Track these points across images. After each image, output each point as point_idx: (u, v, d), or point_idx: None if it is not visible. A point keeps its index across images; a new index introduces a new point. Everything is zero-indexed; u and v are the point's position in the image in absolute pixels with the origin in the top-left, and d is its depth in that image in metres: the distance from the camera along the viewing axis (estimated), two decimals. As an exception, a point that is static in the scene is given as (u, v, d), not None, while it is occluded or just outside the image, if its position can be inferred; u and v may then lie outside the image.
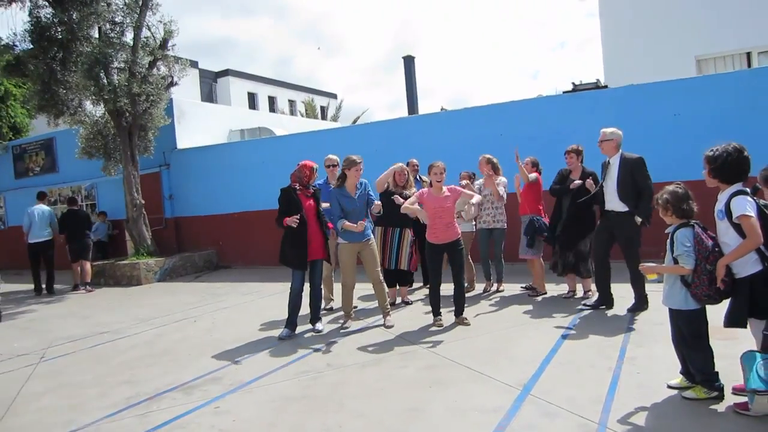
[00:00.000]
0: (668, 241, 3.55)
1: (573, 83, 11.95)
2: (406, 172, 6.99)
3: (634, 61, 13.63)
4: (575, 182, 6.32)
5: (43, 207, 11.44)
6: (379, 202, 6.28)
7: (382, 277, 6.29)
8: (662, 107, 8.58)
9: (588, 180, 6.22)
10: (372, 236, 6.30)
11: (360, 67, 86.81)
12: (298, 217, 5.82)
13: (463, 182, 7.03)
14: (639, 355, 4.51)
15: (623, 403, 3.61)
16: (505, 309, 6.54)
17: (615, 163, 5.84)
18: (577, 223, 6.34)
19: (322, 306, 7.14)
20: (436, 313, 6.05)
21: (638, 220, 5.65)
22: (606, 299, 6.06)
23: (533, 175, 6.93)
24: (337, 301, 7.10)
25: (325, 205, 6.25)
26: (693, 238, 3.41)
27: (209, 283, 11.03)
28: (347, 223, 5.98)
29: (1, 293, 9.06)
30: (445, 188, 5.97)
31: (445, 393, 4.11)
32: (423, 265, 7.73)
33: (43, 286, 11.31)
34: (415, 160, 7.91)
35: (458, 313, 6.01)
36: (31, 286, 11.58)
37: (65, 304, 10.00)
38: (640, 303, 5.84)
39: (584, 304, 6.22)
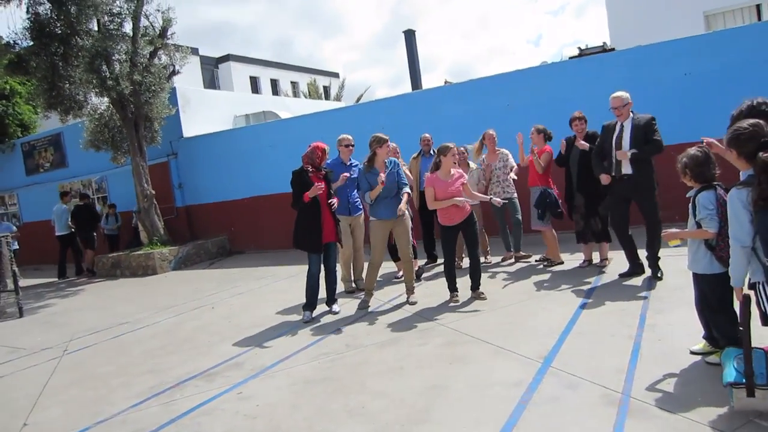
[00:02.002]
0: (690, 205, 3.47)
1: (579, 48, 11.71)
2: (397, 150, 7.27)
3: (641, 20, 13.32)
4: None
5: (61, 206, 13.08)
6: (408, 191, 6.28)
7: (413, 255, 6.35)
8: (672, 67, 8.39)
9: (580, 143, 6.26)
10: (407, 213, 6.29)
11: (359, 44, 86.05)
12: (322, 184, 5.84)
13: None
14: (659, 322, 4.47)
15: (646, 371, 3.59)
16: (520, 281, 6.51)
17: (628, 125, 5.71)
18: (593, 188, 6.24)
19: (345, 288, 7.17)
20: (452, 288, 6.05)
21: (628, 152, 5.54)
22: (636, 267, 5.92)
23: (545, 155, 6.93)
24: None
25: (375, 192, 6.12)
26: (716, 201, 3.33)
27: (224, 269, 11.09)
28: (372, 191, 5.99)
29: (21, 287, 9.18)
30: (453, 171, 5.95)
31: (466, 369, 4.11)
32: (424, 241, 8.03)
33: (85, 268, 13.09)
34: (427, 135, 7.88)
35: (475, 287, 6.00)
36: (50, 279, 12.63)
37: (83, 297, 10.12)
38: (655, 267, 5.74)
39: (620, 275, 6.00)
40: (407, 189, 6.22)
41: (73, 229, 12.95)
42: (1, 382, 5.52)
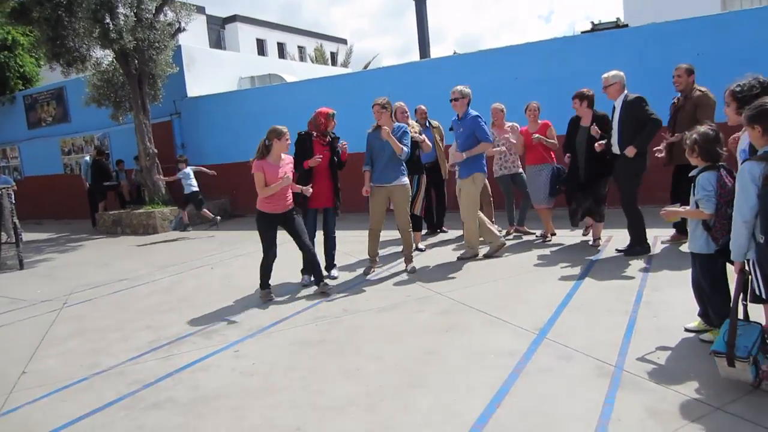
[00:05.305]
0: (692, 184, 3.46)
1: (592, 22, 11.54)
2: (405, 110, 7.12)
3: (657, -2, 13.08)
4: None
5: (86, 157, 14.16)
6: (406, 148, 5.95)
7: (410, 224, 6.25)
8: (685, 46, 8.23)
9: (593, 127, 6.07)
10: (406, 181, 6.07)
11: (368, 11, 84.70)
12: (320, 156, 5.84)
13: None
14: (655, 299, 4.50)
15: (640, 346, 3.62)
16: (519, 255, 6.52)
17: (618, 105, 5.76)
18: (597, 164, 6.17)
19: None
20: (263, 285, 5.73)
21: (623, 151, 5.57)
22: (643, 246, 5.88)
23: (549, 130, 6.96)
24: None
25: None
26: (716, 182, 3.32)
27: (224, 231, 11.10)
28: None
29: (23, 242, 9.23)
30: (284, 156, 5.60)
31: (462, 337, 4.14)
32: (427, 212, 7.96)
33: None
34: (423, 107, 7.81)
35: (316, 281, 5.81)
36: (50, 234, 12.94)
37: (84, 252, 10.17)
38: (640, 244, 5.84)
39: (618, 250, 6.00)
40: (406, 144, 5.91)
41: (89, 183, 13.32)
42: (1, 331, 5.58)
